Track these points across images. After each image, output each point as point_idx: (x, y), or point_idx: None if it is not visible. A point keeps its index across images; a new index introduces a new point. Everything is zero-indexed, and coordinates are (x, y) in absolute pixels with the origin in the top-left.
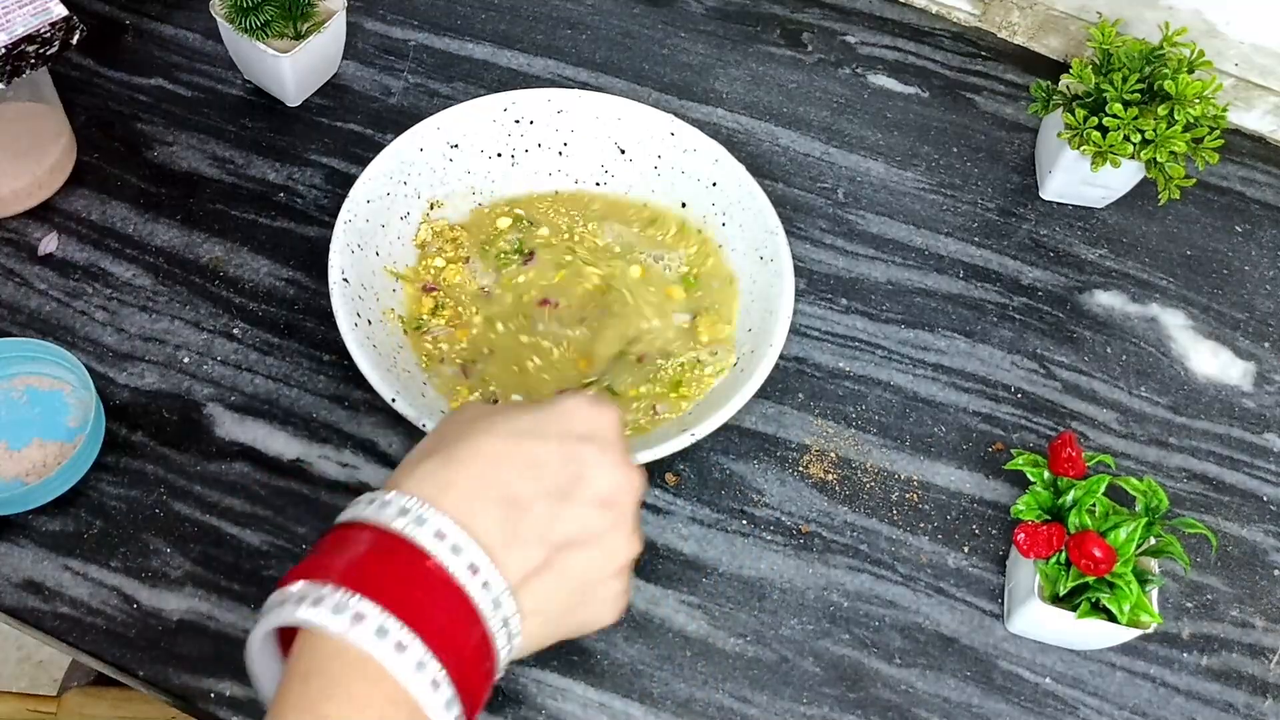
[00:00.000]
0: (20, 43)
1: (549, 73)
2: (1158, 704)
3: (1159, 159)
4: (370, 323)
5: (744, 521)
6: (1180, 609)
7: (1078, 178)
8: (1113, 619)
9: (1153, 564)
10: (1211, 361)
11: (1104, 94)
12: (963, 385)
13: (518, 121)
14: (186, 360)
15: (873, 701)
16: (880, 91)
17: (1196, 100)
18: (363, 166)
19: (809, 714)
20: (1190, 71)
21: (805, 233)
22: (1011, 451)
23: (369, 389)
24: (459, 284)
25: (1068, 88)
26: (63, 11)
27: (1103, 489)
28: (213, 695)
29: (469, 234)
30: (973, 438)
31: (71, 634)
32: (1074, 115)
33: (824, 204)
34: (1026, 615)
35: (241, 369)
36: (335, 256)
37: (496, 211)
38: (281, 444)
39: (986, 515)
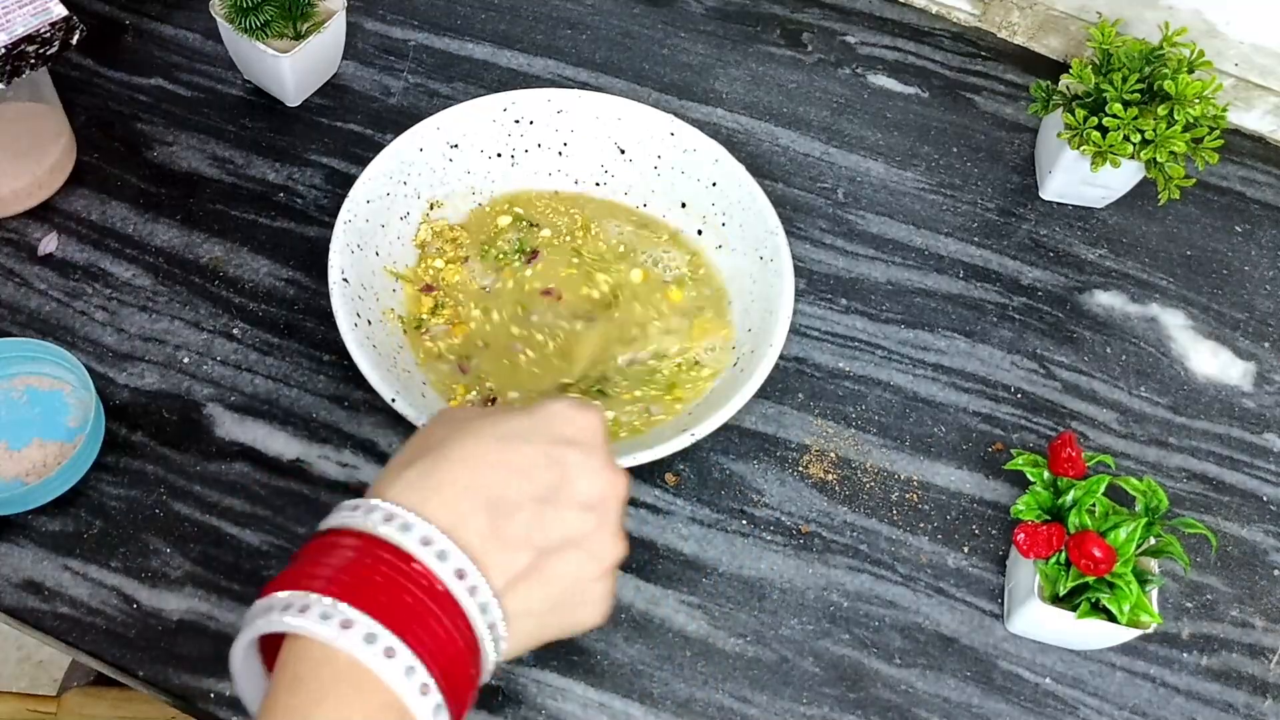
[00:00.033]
0: (20, 43)
1: (549, 73)
2: (1158, 704)
3: (1159, 159)
4: (370, 323)
5: (744, 521)
6: (1180, 609)
7: (1078, 178)
8: (1113, 619)
9: (1153, 564)
10: (1211, 361)
11: (1104, 94)
12: (963, 385)
13: (518, 121)
14: (186, 360)
15: (873, 701)
16: (880, 91)
17: (1196, 100)
18: (363, 166)
19: (809, 714)
20: (1190, 71)
21: (805, 233)
22: (1011, 451)
23: (369, 389)
24: (458, 284)
25: (1068, 88)
26: (63, 11)
27: (1103, 489)
28: (213, 695)
29: (469, 234)
30: (973, 438)
31: (71, 634)
32: (1074, 115)
33: (824, 204)
34: (1026, 615)
35: (241, 369)
36: (335, 256)
37: (496, 209)
38: (281, 444)
39: (986, 515)
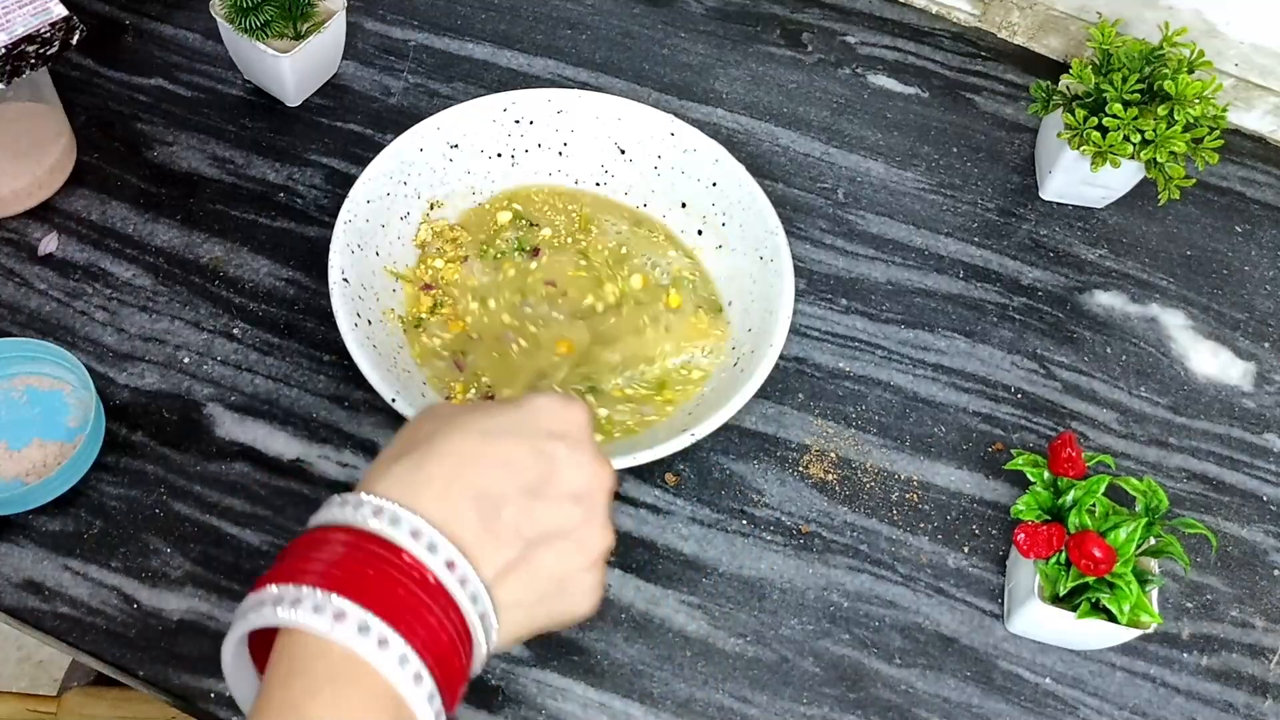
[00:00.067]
0: (20, 43)
1: (549, 73)
2: (1158, 704)
3: (1159, 159)
4: (370, 323)
5: (744, 521)
6: (1180, 609)
7: (1078, 178)
8: (1113, 619)
9: (1153, 564)
10: (1211, 361)
11: (1104, 94)
12: (963, 385)
13: (518, 121)
14: (186, 360)
15: (873, 701)
16: (880, 91)
17: (1196, 100)
18: (363, 166)
19: (809, 714)
20: (1190, 71)
21: (805, 233)
22: (1011, 451)
23: (369, 389)
24: (458, 283)
25: (1068, 88)
26: (63, 11)
27: (1103, 489)
28: (213, 695)
29: (469, 234)
30: (973, 438)
31: (71, 634)
32: (1074, 115)
33: (824, 204)
34: (1026, 615)
35: (241, 369)
36: (335, 256)
37: (495, 206)
38: (281, 444)
39: (986, 515)
